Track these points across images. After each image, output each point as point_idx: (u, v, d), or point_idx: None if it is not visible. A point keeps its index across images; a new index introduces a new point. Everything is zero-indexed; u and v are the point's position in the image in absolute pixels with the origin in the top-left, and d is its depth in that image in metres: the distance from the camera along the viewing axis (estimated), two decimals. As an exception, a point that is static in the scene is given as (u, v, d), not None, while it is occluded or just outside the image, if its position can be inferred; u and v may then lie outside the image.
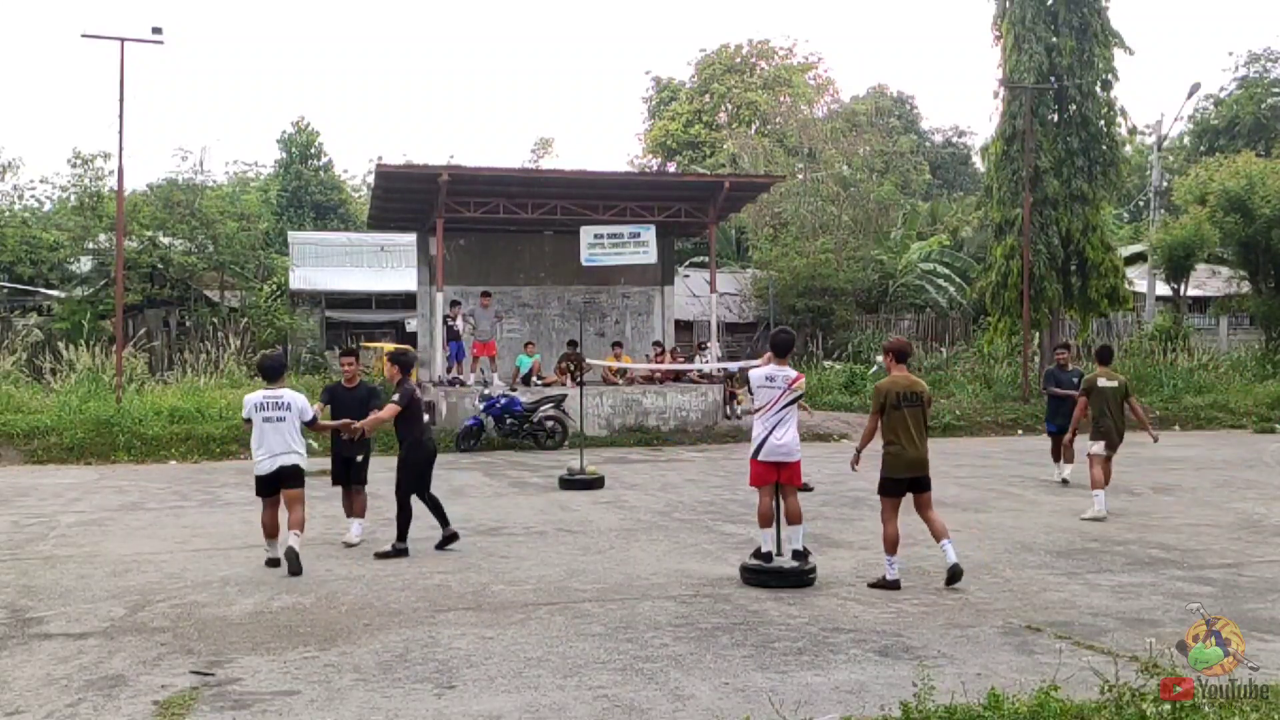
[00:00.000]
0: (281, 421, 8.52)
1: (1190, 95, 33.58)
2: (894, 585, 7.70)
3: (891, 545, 7.80)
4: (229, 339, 24.07)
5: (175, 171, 31.82)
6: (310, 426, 8.88)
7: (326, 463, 15.77)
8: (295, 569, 8.21)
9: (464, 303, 20.80)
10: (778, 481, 8.09)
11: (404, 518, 9.11)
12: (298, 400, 8.68)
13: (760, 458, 7.99)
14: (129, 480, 14.12)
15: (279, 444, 8.50)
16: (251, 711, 5.20)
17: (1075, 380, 13.25)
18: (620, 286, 23.85)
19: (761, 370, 8.16)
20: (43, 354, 23.05)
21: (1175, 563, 8.68)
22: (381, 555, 8.89)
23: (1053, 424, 13.95)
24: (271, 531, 8.65)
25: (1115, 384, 11.23)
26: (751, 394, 8.14)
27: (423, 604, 7.32)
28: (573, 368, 19.94)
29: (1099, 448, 10.98)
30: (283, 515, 8.60)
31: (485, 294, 21.01)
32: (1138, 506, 11.73)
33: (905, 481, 7.84)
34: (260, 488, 8.68)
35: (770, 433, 7.96)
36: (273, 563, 8.54)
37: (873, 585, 7.79)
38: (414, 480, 9.20)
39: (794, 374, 8.26)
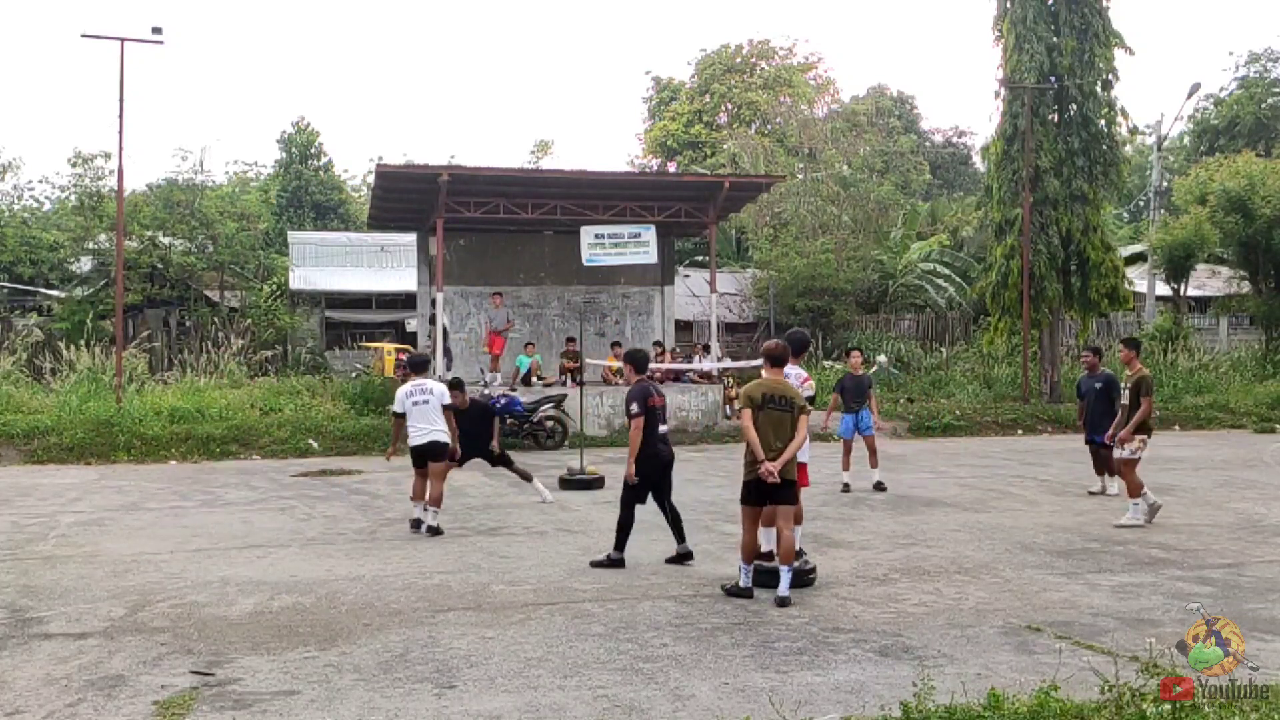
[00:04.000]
0: (426, 404, 10.18)
1: (1190, 95, 33.60)
2: (747, 593, 7.41)
3: (749, 554, 7.51)
4: (229, 339, 24.09)
5: (175, 171, 31.81)
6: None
7: (327, 463, 15.89)
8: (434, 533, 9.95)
9: (452, 302, 20.98)
10: None
11: (621, 527, 8.54)
12: (438, 388, 10.44)
13: None
14: (129, 480, 14.12)
15: (425, 423, 10.14)
16: (251, 711, 5.19)
17: (1099, 385, 12.15)
18: (620, 286, 23.85)
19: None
20: (43, 354, 23.05)
21: (1175, 563, 8.68)
22: (596, 564, 8.48)
23: (1094, 434, 12.14)
24: (418, 495, 10.25)
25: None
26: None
27: (423, 604, 7.32)
28: (574, 365, 19.99)
29: (1146, 448, 10.57)
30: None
31: (497, 294, 21.24)
32: (1138, 506, 11.72)
33: (763, 491, 7.42)
34: (413, 459, 10.32)
35: None
36: (414, 523, 10.20)
37: (726, 591, 7.47)
38: (639, 491, 8.53)
39: (804, 374, 8.26)
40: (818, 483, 12.49)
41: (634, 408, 8.34)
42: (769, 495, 7.46)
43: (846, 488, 12.94)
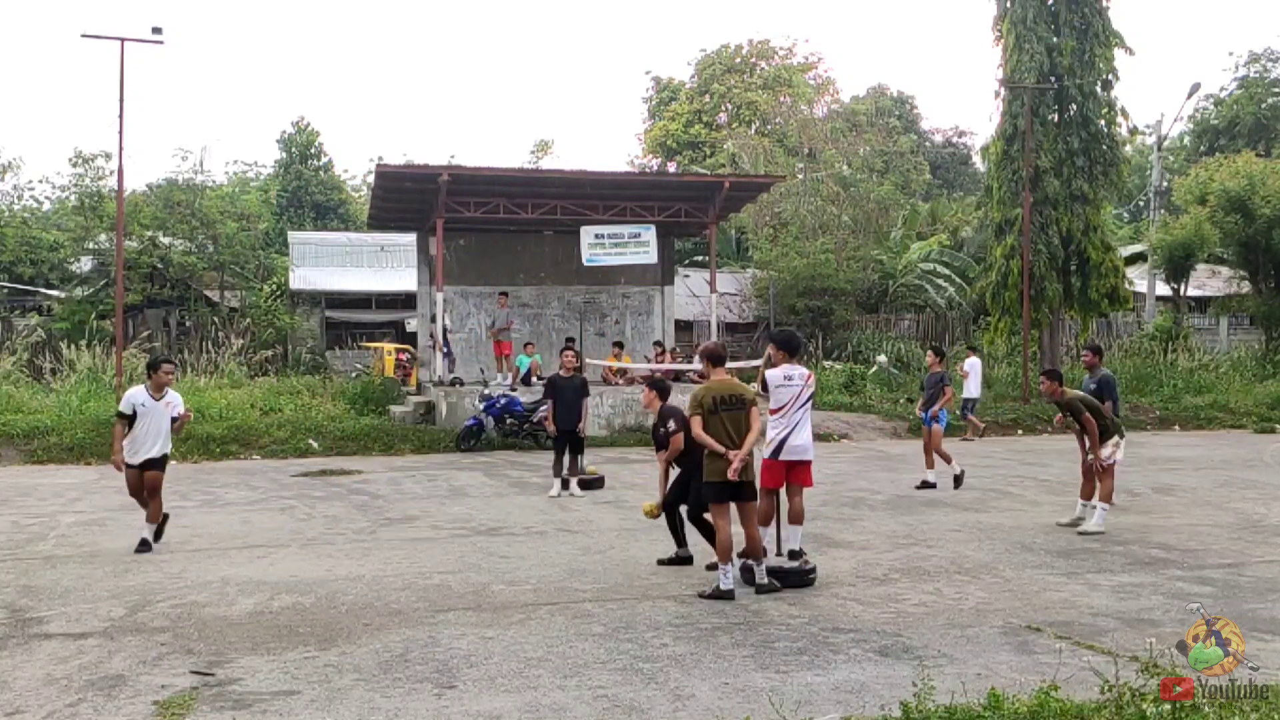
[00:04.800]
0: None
1: (1190, 95, 33.60)
2: (728, 595, 7.32)
3: (726, 552, 7.45)
4: (229, 339, 24.08)
5: (175, 171, 31.81)
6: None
7: (327, 463, 15.89)
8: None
9: (452, 301, 21.08)
10: (786, 482, 8.11)
11: (707, 533, 8.37)
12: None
13: (779, 457, 8.00)
14: (129, 480, 14.09)
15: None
16: (251, 711, 5.19)
17: (1092, 386, 11.21)
18: (620, 286, 23.85)
19: (778, 371, 8.16)
20: (43, 354, 23.07)
21: (1175, 563, 8.68)
22: (669, 560, 8.55)
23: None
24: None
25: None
26: (768, 395, 8.10)
27: (423, 604, 7.32)
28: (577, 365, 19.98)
29: (1121, 450, 10.46)
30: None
31: (503, 294, 21.28)
32: (1138, 506, 11.73)
33: (728, 489, 7.45)
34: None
35: (791, 432, 7.98)
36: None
37: (704, 596, 7.37)
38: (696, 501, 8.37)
39: (807, 371, 8.25)
40: (819, 482, 12.48)
41: (672, 425, 8.40)
42: (733, 494, 7.51)
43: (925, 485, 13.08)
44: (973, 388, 20.15)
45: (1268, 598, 7.45)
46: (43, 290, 31.38)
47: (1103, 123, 23.72)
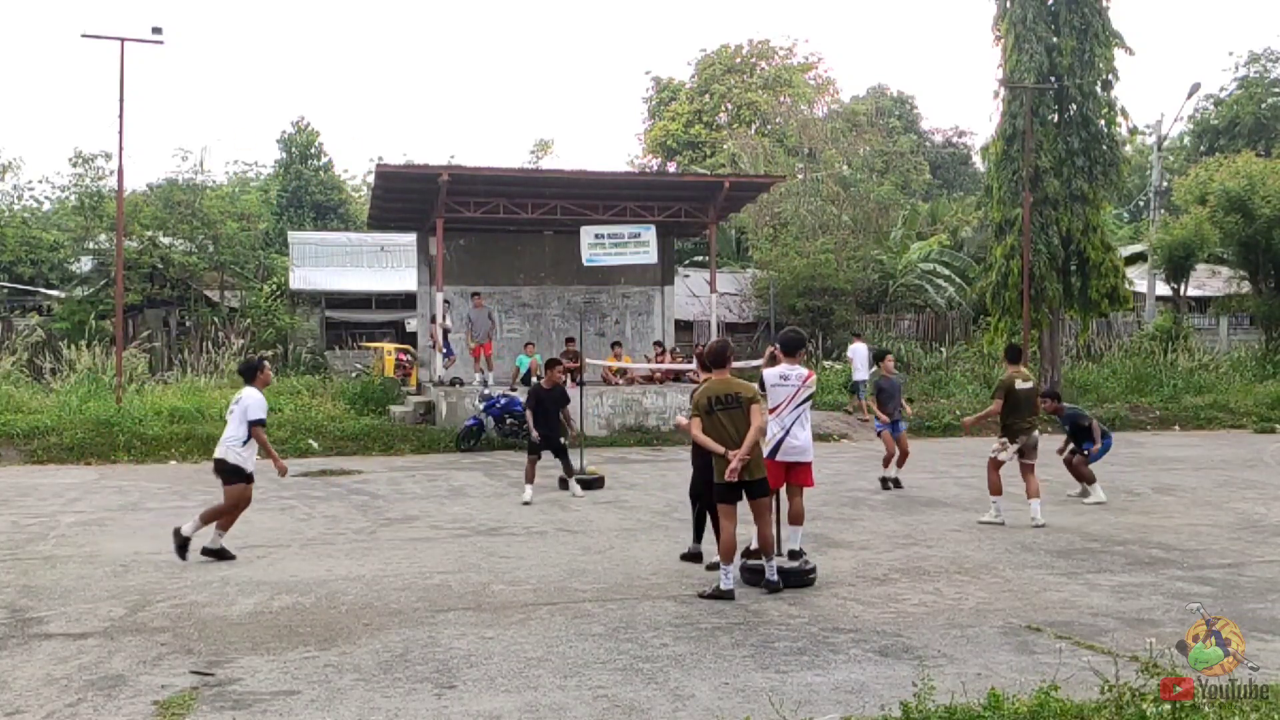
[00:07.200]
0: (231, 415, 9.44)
1: (1190, 95, 33.56)
2: (728, 595, 7.34)
3: (728, 553, 7.44)
4: (229, 339, 24.06)
5: (175, 171, 31.80)
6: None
7: (327, 463, 15.89)
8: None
9: (453, 302, 21.12)
10: (786, 483, 8.11)
11: (698, 520, 8.63)
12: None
13: (777, 457, 7.99)
14: (129, 480, 14.12)
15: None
16: (251, 711, 5.20)
17: (1066, 426, 12.70)
18: (620, 286, 23.85)
19: (774, 370, 8.15)
20: (43, 354, 23.05)
21: (1175, 563, 8.68)
22: (686, 556, 8.65)
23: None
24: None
25: (1031, 385, 11.02)
26: (765, 394, 8.09)
27: (423, 604, 7.32)
28: (574, 365, 19.98)
29: (1009, 452, 10.74)
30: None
31: (476, 294, 21.22)
32: (1138, 506, 11.73)
33: (736, 487, 7.42)
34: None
35: (787, 432, 7.97)
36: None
37: (704, 596, 7.40)
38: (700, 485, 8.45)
39: (806, 371, 8.22)
40: (819, 482, 12.47)
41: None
42: (746, 491, 7.50)
43: (886, 483, 13.23)
44: (860, 372, 21.63)
45: (1268, 598, 7.45)
46: (43, 290, 31.37)
47: (1103, 123, 23.70)
